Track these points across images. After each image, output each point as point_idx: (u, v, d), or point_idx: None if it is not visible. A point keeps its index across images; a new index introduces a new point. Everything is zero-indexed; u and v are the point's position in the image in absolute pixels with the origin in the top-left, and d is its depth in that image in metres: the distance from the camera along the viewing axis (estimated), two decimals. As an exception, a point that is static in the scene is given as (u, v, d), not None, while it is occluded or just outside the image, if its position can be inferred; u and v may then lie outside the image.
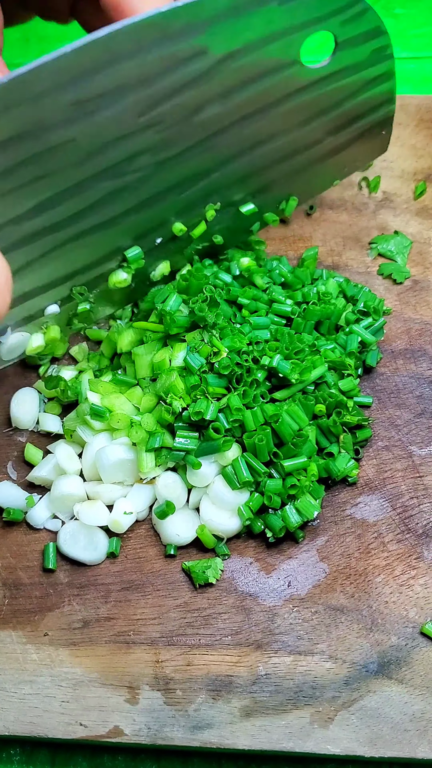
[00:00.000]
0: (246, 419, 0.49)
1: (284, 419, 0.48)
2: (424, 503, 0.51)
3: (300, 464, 0.48)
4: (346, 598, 0.48)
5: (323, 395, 0.50)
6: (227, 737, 0.45)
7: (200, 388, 0.49)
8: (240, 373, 0.50)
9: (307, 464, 0.49)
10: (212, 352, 0.50)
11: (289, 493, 0.48)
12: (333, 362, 0.52)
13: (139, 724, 0.46)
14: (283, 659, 0.47)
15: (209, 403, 0.48)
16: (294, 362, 0.50)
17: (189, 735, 0.45)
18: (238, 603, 0.48)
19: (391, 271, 0.60)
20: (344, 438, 0.51)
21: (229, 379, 0.50)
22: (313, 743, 0.45)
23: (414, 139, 0.65)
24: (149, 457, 0.49)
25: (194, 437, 0.49)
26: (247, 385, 0.50)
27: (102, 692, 0.47)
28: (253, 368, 0.50)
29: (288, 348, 0.50)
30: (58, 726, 0.46)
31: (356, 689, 0.46)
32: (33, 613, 0.49)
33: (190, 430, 0.49)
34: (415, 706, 0.46)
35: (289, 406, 0.49)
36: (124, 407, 0.51)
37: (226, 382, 0.50)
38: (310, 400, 0.50)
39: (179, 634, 0.48)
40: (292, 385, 0.50)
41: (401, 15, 0.81)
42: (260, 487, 0.49)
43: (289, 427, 0.48)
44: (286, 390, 0.51)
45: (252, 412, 0.49)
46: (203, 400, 0.48)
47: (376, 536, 0.50)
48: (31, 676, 0.47)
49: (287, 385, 0.50)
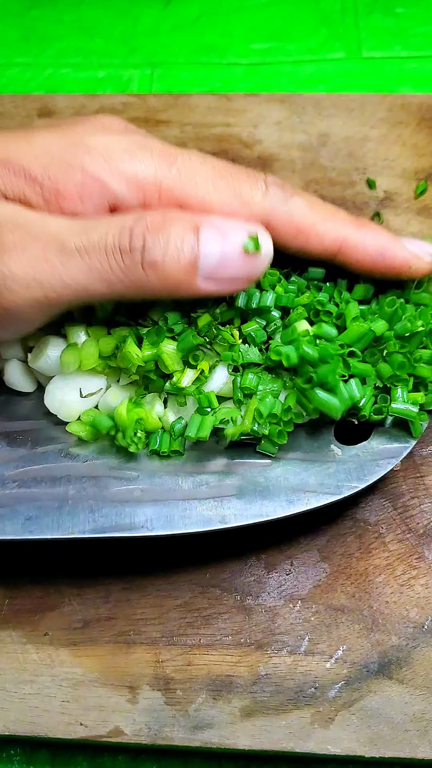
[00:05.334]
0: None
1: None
2: (425, 503, 0.51)
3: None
4: (347, 598, 0.48)
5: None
6: (228, 737, 0.45)
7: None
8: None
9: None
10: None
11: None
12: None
13: (139, 724, 0.46)
14: (283, 659, 0.47)
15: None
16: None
17: (189, 735, 0.45)
18: (239, 603, 0.48)
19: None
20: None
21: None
22: (313, 743, 0.45)
23: (415, 138, 0.65)
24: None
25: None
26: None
27: (102, 692, 0.46)
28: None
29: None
30: (59, 726, 0.46)
31: (357, 689, 0.46)
32: (33, 613, 0.49)
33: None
34: (416, 706, 0.46)
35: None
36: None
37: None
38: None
39: (180, 634, 0.48)
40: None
41: (402, 14, 0.81)
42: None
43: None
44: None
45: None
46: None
47: (377, 536, 0.50)
48: (31, 676, 0.47)
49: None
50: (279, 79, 0.78)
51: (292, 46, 0.80)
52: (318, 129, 0.67)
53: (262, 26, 0.82)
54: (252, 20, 0.82)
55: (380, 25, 0.81)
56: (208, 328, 0.46)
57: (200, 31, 0.82)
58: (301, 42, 0.80)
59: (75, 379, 0.48)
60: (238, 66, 0.79)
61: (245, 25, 0.82)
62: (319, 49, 0.80)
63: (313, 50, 0.80)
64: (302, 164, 0.65)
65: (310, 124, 0.67)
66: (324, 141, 0.66)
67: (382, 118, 0.67)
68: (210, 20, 0.83)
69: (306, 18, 0.82)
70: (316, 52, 0.80)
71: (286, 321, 0.47)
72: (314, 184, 0.64)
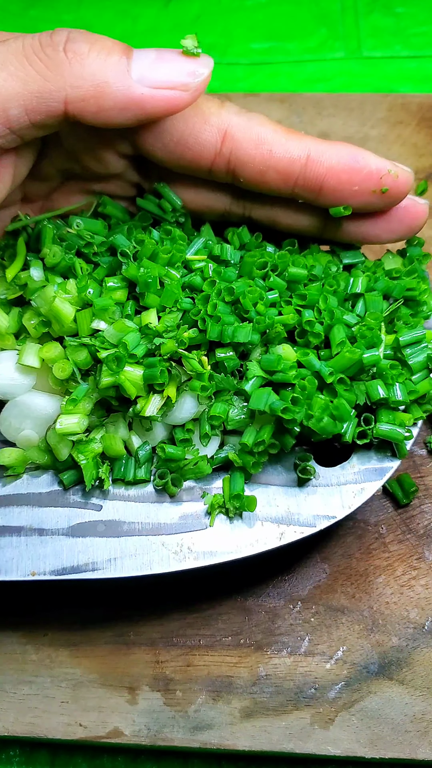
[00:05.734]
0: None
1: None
2: (425, 503, 0.51)
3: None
4: (347, 598, 0.48)
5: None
6: (227, 738, 0.45)
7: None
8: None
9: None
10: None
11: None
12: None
13: (138, 725, 0.46)
14: (283, 660, 0.47)
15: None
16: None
17: (189, 736, 0.45)
18: (239, 604, 0.48)
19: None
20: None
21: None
22: (313, 744, 0.45)
23: (415, 137, 0.65)
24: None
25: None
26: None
27: (102, 693, 0.46)
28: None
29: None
30: (58, 727, 0.46)
31: (357, 690, 0.46)
32: (32, 614, 0.48)
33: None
34: (416, 707, 0.45)
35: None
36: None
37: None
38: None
39: (179, 635, 0.48)
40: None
41: (402, 13, 0.81)
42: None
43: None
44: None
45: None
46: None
47: (377, 536, 0.50)
48: (30, 677, 0.47)
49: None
50: (279, 78, 0.77)
51: (292, 45, 0.80)
52: (318, 129, 0.66)
53: (262, 26, 0.82)
54: (252, 20, 0.82)
55: (380, 25, 0.81)
56: (173, 353, 0.42)
57: (200, 31, 0.82)
58: (301, 42, 0.80)
59: (32, 400, 0.44)
60: (238, 66, 0.79)
61: (245, 25, 0.82)
62: (319, 49, 0.79)
63: (313, 50, 0.79)
64: (302, 164, 0.65)
65: (310, 124, 0.67)
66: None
67: (382, 117, 0.67)
68: (210, 20, 0.83)
69: (306, 18, 0.82)
70: (316, 51, 0.79)
71: (264, 339, 0.43)
72: (314, 184, 0.64)
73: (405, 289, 0.46)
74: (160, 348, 0.42)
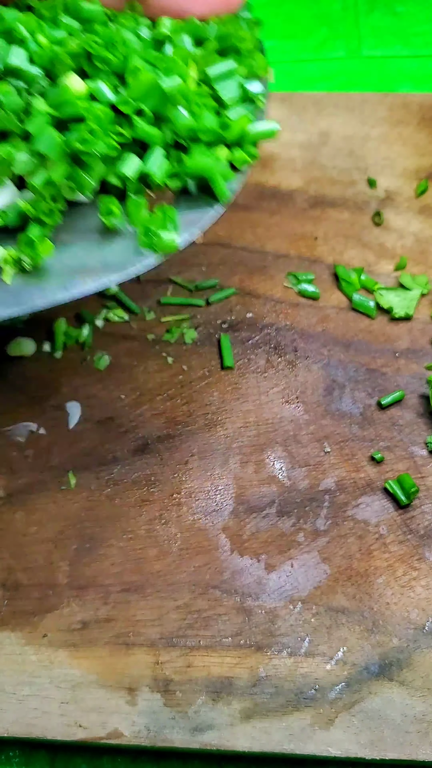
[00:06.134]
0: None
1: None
2: (425, 504, 0.51)
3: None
4: (348, 599, 0.48)
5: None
6: (227, 739, 0.45)
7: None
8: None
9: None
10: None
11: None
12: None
13: (138, 726, 0.45)
14: (283, 661, 0.47)
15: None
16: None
17: (189, 737, 0.45)
18: (239, 604, 0.48)
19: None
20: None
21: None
22: (313, 745, 0.45)
23: (416, 137, 0.65)
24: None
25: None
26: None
27: (101, 694, 0.46)
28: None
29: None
30: (57, 727, 0.46)
31: (357, 691, 0.46)
32: (32, 615, 0.48)
33: None
34: (417, 707, 0.45)
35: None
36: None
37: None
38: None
39: (179, 636, 0.47)
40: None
41: (402, 13, 0.81)
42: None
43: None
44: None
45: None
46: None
47: (378, 537, 0.50)
48: (29, 678, 0.47)
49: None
50: (279, 78, 0.77)
51: (292, 45, 0.80)
52: (318, 128, 0.66)
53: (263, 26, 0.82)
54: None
55: (381, 24, 0.81)
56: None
57: (200, 30, 0.82)
58: (302, 41, 0.80)
59: None
60: (238, 65, 0.79)
61: (245, 24, 0.82)
62: (320, 48, 0.79)
63: (313, 49, 0.79)
64: (302, 163, 0.65)
65: (311, 123, 0.67)
66: (324, 140, 0.66)
67: (382, 117, 0.67)
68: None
69: (306, 17, 0.82)
70: (317, 51, 0.79)
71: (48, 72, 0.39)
72: (315, 183, 0.64)
73: (221, 36, 0.42)
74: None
